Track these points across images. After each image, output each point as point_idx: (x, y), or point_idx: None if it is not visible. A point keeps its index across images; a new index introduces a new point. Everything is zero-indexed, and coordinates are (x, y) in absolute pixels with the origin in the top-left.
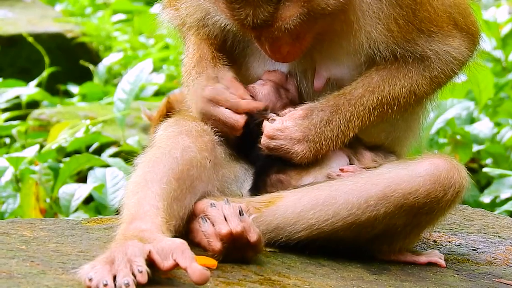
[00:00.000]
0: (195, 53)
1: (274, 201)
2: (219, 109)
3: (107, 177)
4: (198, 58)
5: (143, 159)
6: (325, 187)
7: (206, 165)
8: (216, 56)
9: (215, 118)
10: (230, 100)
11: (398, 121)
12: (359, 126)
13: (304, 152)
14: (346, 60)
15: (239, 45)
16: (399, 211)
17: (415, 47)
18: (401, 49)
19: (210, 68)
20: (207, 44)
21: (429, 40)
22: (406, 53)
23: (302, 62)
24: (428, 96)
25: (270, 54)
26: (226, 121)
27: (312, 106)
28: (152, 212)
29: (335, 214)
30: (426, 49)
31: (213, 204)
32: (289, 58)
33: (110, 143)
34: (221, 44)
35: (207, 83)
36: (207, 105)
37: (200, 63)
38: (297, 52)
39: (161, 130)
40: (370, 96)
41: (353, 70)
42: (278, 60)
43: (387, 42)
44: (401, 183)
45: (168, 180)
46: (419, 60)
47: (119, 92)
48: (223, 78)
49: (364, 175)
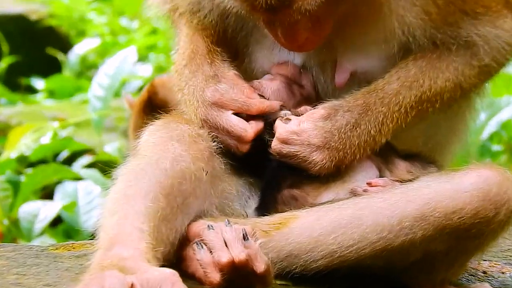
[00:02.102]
0: (187, 47)
1: (286, 223)
2: (224, 114)
3: (80, 193)
4: (190, 53)
5: (124, 171)
6: (350, 205)
7: (202, 178)
8: (212, 50)
9: (219, 126)
10: (238, 100)
11: (440, 123)
12: (392, 130)
13: (324, 161)
14: (374, 49)
15: (240, 32)
16: (441, 235)
17: (459, 32)
18: (442, 34)
19: (206, 65)
20: (201, 36)
21: (475, 23)
22: (448, 40)
23: (320, 53)
24: (476, 90)
25: (284, 42)
26: (232, 130)
27: (337, 105)
28: (135, 235)
29: (361, 238)
30: (472, 34)
31: (210, 226)
32: (306, 46)
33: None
34: (219, 35)
35: (207, 83)
36: (210, 110)
37: (193, 60)
38: (316, 39)
39: (146, 135)
40: (407, 92)
41: (383, 61)
42: (294, 49)
43: (425, 27)
44: (442, 200)
45: (155, 196)
46: (465, 47)
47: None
48: (225, 76)
49: (397, 190)
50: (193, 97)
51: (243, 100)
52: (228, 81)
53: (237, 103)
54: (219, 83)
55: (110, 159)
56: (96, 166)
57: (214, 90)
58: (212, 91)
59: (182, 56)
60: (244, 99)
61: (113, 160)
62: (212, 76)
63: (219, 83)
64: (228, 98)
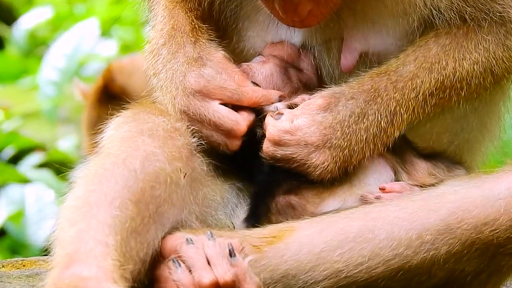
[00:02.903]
0: (166, 22)
1: (282, 236)
2: (210, 104)
3: (28, 199)
4: (170, 30)
5: (84, 172)
6: (358, 215)
7: (179, 182)
8: (197, 27)
9: (204, 119)
10: (227, 88)
11: (468, 116)
12: (407, 121)
13: (326, 163)
14: (390, 25)
15: (229, 5)
16: (469, 251)
17: (493, 6)
18: (472, 7)
19: (189, 45)
20: (183, 9)
21: None
22: (479, 14)
23: (324, 29)
24: (511, 75)
25: (282, 16)
26: (220, 123)
27: (338, 92)
28: (98, 251)
29: (373, 255)
30: (508, 8)
31: (190, 240)
32: (309, 21)
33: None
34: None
35: (189, 67)
36: (193, 100)
37: (174, 38)
38: (321, 12)
39: (111, 128)
40: (426, 76)
41: (400, 40)
42: (294, 25)
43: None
44: (472, 209)
45: (122, 203)
46: (498, 23)
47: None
48: (211, 59)
49: (417, 197)
50: (172, 83)
51: (233, 88)
52: (215, 65)
53: (226, 91)
54: (204, 67)
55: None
56: (49, 166)
57: (198, 75)
58: (196, 76)
59: (159, 33)
60: (234, 86)
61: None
62: (195, 58)
63: (204, 67)
64: (215, 86)
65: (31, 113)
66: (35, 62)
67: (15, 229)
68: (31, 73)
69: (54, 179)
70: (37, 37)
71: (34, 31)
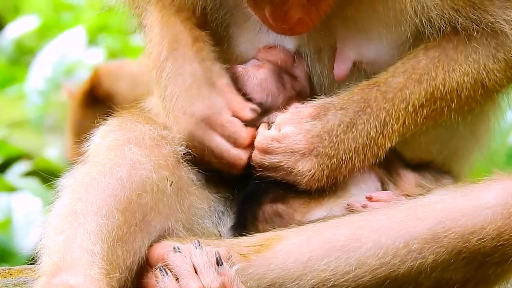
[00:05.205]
0: (163, 35)
1: (269, 245)
2: (213, 136)
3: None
4: (170, 42)
5: (71, 181)
6: (346, 224)
7: (165, 190)
8: (199, 39)
9: (207, 149)
10: (227, 129)
11: (458, 126)
12: (398, 132)
13: (312, 171)
14: (382, 34)
15: (220, 12)
16: (456, 260)
17: (484, 16)
18: (464, 18)
19: (195, 63)
20: (179, 19)
21: (504, 6)
22: (470, 25)
23: (316, 37)
24: (502, 88)
25: (272, 23)
26: (223, 156)
27: (328, 103)
28: (85, 260)
29: (360, 264)
30: (499, 20)
31: (177, 248)
32: (299, 28)
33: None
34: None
35: (198, 91)
36: (197, 127)
37: (176, 51)
38: (311, 20)
39: (98, 137)
40: (416, 87)
41: (393, 49)
42: (284, 33)
43: (443, 8)
44: (459, 218)
45: (109, 212)
46: (490, 35)
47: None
48: (216, 85)
49: (404, 205)
50: (177, 105)
51: (232, 131)
52: (220, 93)
53: (226, 131)
54: (211, 96)
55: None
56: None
57: (205, 106)
58: (202, 106)
59: (159, 46)
60: (234, 129)
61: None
62: (203, 80)
63: (211, 96)
64: (218, 122)
65: (18, 122)
66: (22, 71)
67: (2, 237)
68: (18, 82)
69: (41, 188)
70: (24, 45)
71: (21, 39)
